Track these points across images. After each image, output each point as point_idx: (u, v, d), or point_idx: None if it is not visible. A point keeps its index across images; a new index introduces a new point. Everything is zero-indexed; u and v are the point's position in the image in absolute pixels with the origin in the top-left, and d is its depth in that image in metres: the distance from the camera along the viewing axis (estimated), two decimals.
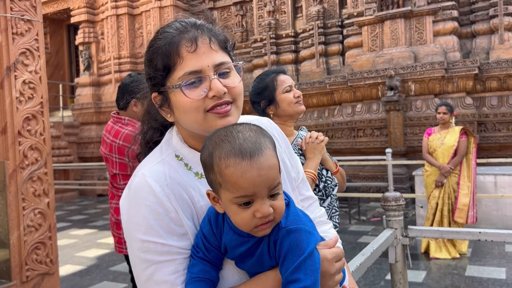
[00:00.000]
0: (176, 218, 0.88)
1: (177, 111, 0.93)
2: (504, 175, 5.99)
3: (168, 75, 0.92)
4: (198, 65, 0.89)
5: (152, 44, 0.95)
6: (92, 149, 12.80)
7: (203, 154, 0.86)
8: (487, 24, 8.52)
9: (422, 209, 6.17)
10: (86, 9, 13.09)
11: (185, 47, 0.90)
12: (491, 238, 1.91)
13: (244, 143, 0.81)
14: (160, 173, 0.90)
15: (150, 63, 0.95)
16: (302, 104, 2.07)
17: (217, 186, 0.83)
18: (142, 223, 0.87)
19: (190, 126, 0.94)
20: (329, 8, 10.30)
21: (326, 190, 2.04)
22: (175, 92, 0.91)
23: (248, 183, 0.79)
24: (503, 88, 8.22)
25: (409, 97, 8.62)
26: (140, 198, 0.88)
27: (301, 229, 0.84)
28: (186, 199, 0.90)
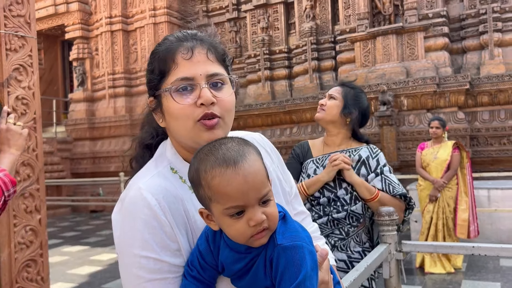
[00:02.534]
0: (170, 233, 0.86)
1: (168, 116, 0.94)
2: (497, 189, 6.01)
3: (163, 80, 0.94)
4: (191, 73, 0.91)
5: (153, 50, 0.98)
6: (85, 165, 12.74)
7: (190, 173, 0.85)
8: (477, 40, 8.66)
9: (417, 224, 6.16)
10: (80, 26, 13.16)
11: (181, 54, 0.91)
12: (485, 252, 1.91)
13: (227, 152, 0.81)
14: (156, 186, 0.89)
15: (149, 68, 0.98)
16: (319, 111, 2.11)
17: (207, 201, 0.82)
18: (137, 237, 0.85)
19: (179, 133, 0.94)
20: (321, 24, 10.43)
21: (325, 208, 1.98)
22: (167, 97, 0.92)
23: (236, 191, 0.78)
24: (494, 103, 8.31)
25: (402, 112, 8.69)
26: (135, 212, 0.86)
27: (298, 246, 0.81)
28: (182, 214, 0.89)
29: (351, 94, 2.10)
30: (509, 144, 8.07)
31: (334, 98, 2.09)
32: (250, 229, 0.79)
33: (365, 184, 1.99)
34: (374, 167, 2.06)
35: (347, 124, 2.10)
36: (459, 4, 9.09)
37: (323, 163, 2.05)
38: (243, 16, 11.84)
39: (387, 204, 1.98)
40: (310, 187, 2.01)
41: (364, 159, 2.06)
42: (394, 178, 2.05)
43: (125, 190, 0.93)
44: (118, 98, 12.75)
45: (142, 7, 12.51)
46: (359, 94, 2.13)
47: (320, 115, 2.11)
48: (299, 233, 0.85)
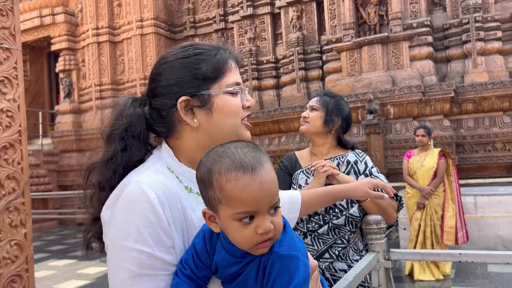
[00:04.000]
0: (167, 229, 0.86)
1: (219, 114, 1.00)
2: (483, 196, 6.08)
3: (216, 80, 1.01)
4: (240, 79, 1.06)
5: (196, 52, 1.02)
6: (73, 177, 12.59)
7: (200, 171, 0.85)
8: (460, 49, 8.81)
9: (405, 231, 6.19)
10: (66, 37, 13.09)
11: (233, 62, 1.06)
12: (472, 259, 1.92)
13: (245, 158, 0.81)
14: (156, 181, 0.90)
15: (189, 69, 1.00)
16: (303, 124, 2.14)
17: (215, 203, 0.81)
18: (132, 230, 0.85)
19: (223, 131, 1.00)
20: (308, 34, 10.53)
21: (325, 216, 1.96)
22: (222, 96, 1.01)
23: (251, 197, 0.78)
24: (478, 111, 8.44)
25: (388, 120, 8.78)
26: (133, 205, 0.86)
27: (293, 256, 0.82)
28: (179, 211, 0.90)
29: (331, 103, 2.14)
30: (494, 151, 8.19)
31: (316, 109, 2.12)
32: (257, 237, 0.80)
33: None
34: (363, 169, 2.09)
35: (331, 133, 2.13)
36: (443, 14, 9.26)
37: (312, 172, 2.04)
38: (230, 27, 11.91)
39: (382, 203, 1.96)
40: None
41: (352, 164, 2.09)
42: (384, 177, 2.08)
43: (120, 185, 0.92)
44: (105, 109, 12.67)
45: (129, 18, 12.51)
46: (339, 102, 2.17)
47: (304, 128, 2.14)
48: (296, 243, 0.86)
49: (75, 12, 13.43)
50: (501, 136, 8.13)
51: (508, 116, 8.29)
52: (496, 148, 8.18)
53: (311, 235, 1.97)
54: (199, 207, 0.93)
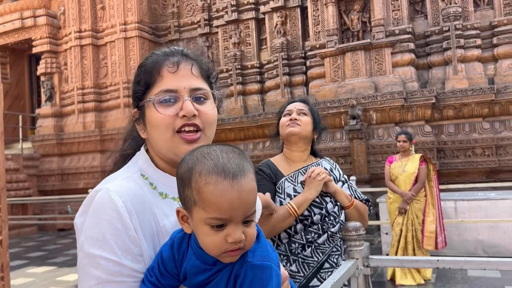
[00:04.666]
0: (134, 237, 0.85)
1: (149, 126, 0.97)
2: (463, 200, 6.17)
3: (147, 91, 0.97)
4: (175, 85, 0.95)
5: (141, 63, 1.01)
6: (53, 181, 12.39)
7: (181, 168, 0.84)
8: (441, 56, 8.96)
9: (387, 236, 6.25)
10: (48, 40, 12.92)
11: (167, 67, 0.96)
12: (449, 265, 1.94)
13: (228, 163, 0.80)
14: (125, 189, 0.89)
15: (135, 80, 1.01)
16: (293, 126, 2.00)
17: (191, 203, 0.80)
18: (99, 237, 0.84)
19: (158, 144, 0.96)
20: (292, 40, 10.59)
21: (323, 225, 1.92)
22: (150, 107, 0.95)
23: (227, 205, 0.77)
24: (459, 117, 8.59)
25: (371, 125, 8.87)
26: (100, 213, 0.86)
27: (266, 267, 0.81)
28: (149, 218, 0.89)
29: (316, 111, 2.13)
30: (474, 156, 8.33)
31: (306, 114, 2.06)
32: (226, 245, 0.78)
33: (344, 191, 2.02)
34: (338, 176, 2.12)
35: (312, 140, 2.12)
36: (424, 21, 9.41)
37: (296, 180, 1.99)
38: (214, 32, 11.90)
39: (360, 209, 2.04)
40: (300, 207, 1.91)
41: (329, 171, 2.07)
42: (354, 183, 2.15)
43: (92, 192, 0.92)
44: (87, 113, 12.52)
45: (113, 21, 12.40)
46: (318, 112, 2.18)
47: (297, 129, 2.01)
48: (269, 253, 0.85)
49: (57, 14, 13.26)
50: (481, 142, 8.28)
51: (487, 122, 8.45)
52: (476, 154, 8.32)
53: (311, 246, 1.90)
54: (173, 212, 0.92)
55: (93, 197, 0.89)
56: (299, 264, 1.88)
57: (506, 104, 8.30)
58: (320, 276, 1.90)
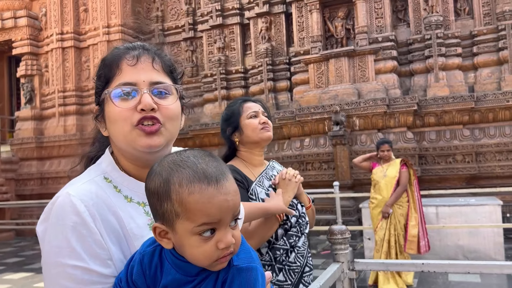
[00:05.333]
0: (100, 241, 0.82)
1: (108, 121, 0.93)
2: (444, 206, 6.25)
3: (106, 86, 0.93)
4: (133, 78, 0.91)
5: (102, 58, 0.99)
6: (32, 186, 12.12)
7: (153, 182, 0.79)
8: (423, 63, 9.10)
9: (370, 241, 6.28)
10: (29, 41, 12.69)
11: (126, 60, 0.93)
12: (434, 269, 1.95)
13: (208, 168, 0.77)
14: (87, 192, 0.86)
15: (96, 75, 0.98)
16: (269, 130, 1.95)
17: (172, 217, 0.76)
18: (64, 245, 0.80)
19: (117, 139, 0.92)
20: (277, 46, 10.63)
21: (300, 227, 1.88)
22: (108, 102, 0.92)
23: (216, 209, 0.74)
24: (440, 124, 8.72)
25: (354, 131, 8.93)
26: (63, 219, 0.82)
27: (253, 268, 0.80)
28: (113, 221, 0.86)
29: (264, 105, 2.06)
30: (455, 163, 8.46)
31: (266, 117, 2.00)
32: (217, 252, 0.76)
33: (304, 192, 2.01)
34: None
35: None
36: (406, 29, 9.56)
37: (263, 184, 1.91)
38: (199, 36, 11.87)
39: (314, 210, 2.07)
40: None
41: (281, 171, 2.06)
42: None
43: (51, 201, 0.88)
44: (68, 116, 12.31)
45: (96, 24, 12.26)
46: None
47: (271, 134, 1.98)
48: (252, 254, 0.84)
49: (38, 16, 13.06)
50: (461, 149, 8.41)
51: (467, 129, 8.60)
52: (457, 160, 8.45)
53: (293, 251, 1.84)
54: (140, 217, 0.90)
55: (53, 203, 0.86)
56: (286, 272, 1.82)
57: (485, 112, 8.47)
58: (304, 280, 1.87)
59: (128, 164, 0.95)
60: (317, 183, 8.89)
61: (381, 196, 5.06)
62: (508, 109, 8.34)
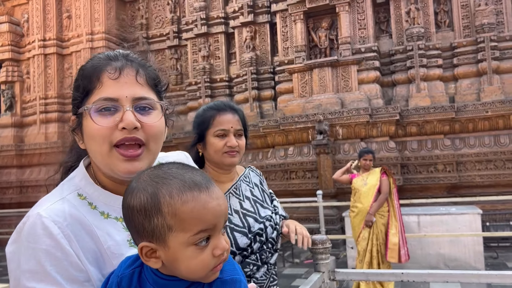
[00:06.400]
0: (77, 263, 0.79)
1: (85, 137, 0.88)
2: (426, 215, 6.32)
3: (85, 98, 0.87)
4: (115, 93, 0.85)
5: (81, 66, 0.92)
6: (11, 194, 11.86)
7: (136, 199, 0.75)
8: (405, 74, 9.25)
9: (353, 250, 6.30)
10: (10, 47, 12.50)
11: (108, 73, 0.86)
12: (413, 278, 1.96)
13: (194, 176, 0.76)
14: (59, 212, 0.81)
15: (74, 85, 0.91)
16: (235, 156, 1.67)
17: (164, 231, 0.73)
18: (37, 270, 0.76)
19: (94, 156, 0.88)
20: (261, 55, 10.69)
21: (261, 255, 1.65)
22: (86, 116, 0.86)
23: (211, 215, 0.73)
24: (421, 133, 8.85)
25: (337, 140, 9.00)
26: (35, 242, 0.78)
27: (237, 280, 0.79)
28: (89, 241, 0.82)
29: (243, 115, 1.78)
30: (436, 172, 8.58)
31: (241, 135, 1.74)
32: (214, 260, 0.75)
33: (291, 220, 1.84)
34: (267, 189, 1.91)
35: None
36: (389, 40, 9.72)
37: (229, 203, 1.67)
38: (184, 44, 11.87)
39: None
40: None
41: (259, 185, 1.85)
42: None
43: (24, 218, 0.83)
44: (50, 123, 12.13)
45: (79, 31, 12.16)
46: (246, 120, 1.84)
47: (237, 159, 1.71)
48: (235, 266, 0.83)
49: (20, 22, 12.89)
50: (442, 158, 8.54)
51: (448, 139, 8.74)
52: (438, 170, 8.57)
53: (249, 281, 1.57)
54: (119, 233, 0.86)
55: (24, 223, 0.81)
56: None
57: (465, 122, 8.63)
58: None
59: (105, 179, 0.91)
60: (301, 191, 8.91)
61: (361, 204, 5.09)
62: (487, 120, 8.51)
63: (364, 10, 9.34)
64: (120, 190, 0.88)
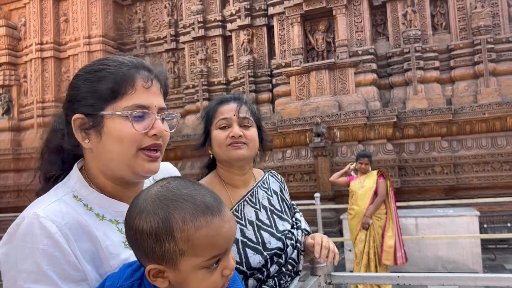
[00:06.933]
0: (74, 263, 0.79)
1: (108, 138, 0.89)
2: (423, 217, 6.32)
3: (112, 101, 0.90)
4: (148, 102, 0.92)
5: (96, 68, 0.93)
6: (8, 198, 11.82)
7: (147, 223, 0.73)
8: (402, 76, 9.27)
9: (351, 252, 6.29)
10: (7, 51, 12.49)
11: (142, 81, 0.92)
12: (409, 281, 1.96)
13: (205, 198, 0.75)
14: (57, 212, 0.82)
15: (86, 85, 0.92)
16: (241, 148, 1.43)
17: (176, 256, 0.72)
18: (33, 270, 0.76)
19: (113, 158, 0.90)
20: (259, 58, 10.69)
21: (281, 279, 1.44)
22: (115, 119, 0.89)
23: (224, 239, 0.73)
24: (419, 135, 8.86)
25: (335, 143, 9.00)
26: (32, 242, 0.78)
27: None
28: (87, 241, 0.83)
29: (251, 106, 1.57)
30: (433, 174, 8.58)
31: (250, 125, 1.50)
32: (222, 280, 0.75)
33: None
34: (289, 200, 1.68)
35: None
36: (386, 43, 9.74)
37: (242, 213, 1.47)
38: (181, 47, 11.87)
39: None
40: None
41: (278, 193, 1.63)
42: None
43: (17, 219, 0.84)
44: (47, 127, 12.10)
45: (76, 34, 12.15)
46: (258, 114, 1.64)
47: (244, 152, 1.45)
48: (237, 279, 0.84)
49: (17, 25, 12.88)
50: (440, 160, 8.55)
51: (445, 141, 8.75)
52: (435, 172, 8.58)
53: None
54: (114, 234, 0.87)
55: (18, 224, 0.82)
56: None
57: (463, 124, 8.64)
58: None
59: (105, 181, 0.93)
60: (299, 194, 8.89)
61: (358, 207, 5.09)
62: (484, 121, 8.53)
63: (361, 13, 9.37)
64: (120, 194, 0.92)
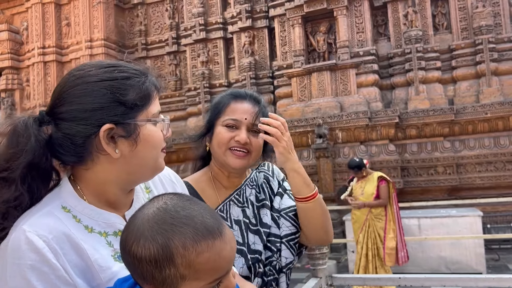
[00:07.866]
0: (64, 277, 0.78)
1: (144, 145, 0.90)
2: (426, 218, 6.30)
3: (142, 109, 0.91)
4: (159, 108, 0.97)
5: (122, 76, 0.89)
6: None
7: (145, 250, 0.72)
8: (404, 77, 9.25)
9: (354, 254, 6.28)
10: (10, 55, 12.54)
11: (155, 90, 0.96)
12: (411, 283, 1.96)
13: (205, 219, 0.73)
14: (44, 226, 0.80)
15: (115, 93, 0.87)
16: (242, 158, 1.33)
17: (176, 280, 0.71)
18: (22, 286, 0.75)
19: (147, 164, 0.93)
20: (260, 60, 10.70)
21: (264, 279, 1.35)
22: (147, 126, 0.91)
23: (226, 262, 0.72)
24: (421, 136, 8.84)
25: (337, 144, 8.99)
26: (19, 258, 0.76)
27: None
28: (76, 254, 0.81)
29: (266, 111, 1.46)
30: (436, 175, 8.56)
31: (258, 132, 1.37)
32: None
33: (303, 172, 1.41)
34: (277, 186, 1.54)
35: None
36: (387, 43, 9.73)
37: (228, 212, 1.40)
38: (182, 50, 11.89)
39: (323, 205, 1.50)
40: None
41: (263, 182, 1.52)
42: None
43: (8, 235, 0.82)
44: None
45: (78, 38, 12.20)
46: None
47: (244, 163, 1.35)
48: None
49: (20, 30, 12.94)
50: (442, 160, 8.53)
51: (448, 141, 8.73)
52: (438, 172, 8.56)
53: None
54: (103, 247, 0.86)
55: (8, 239, 0.80)
56: None
57: (465, 124, 8.62)
58: None
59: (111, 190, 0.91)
60: None
61: (359, 212, 5.10)
62: (486, 121, 8.50)
63: (362, 14, 9.37)
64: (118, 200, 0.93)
